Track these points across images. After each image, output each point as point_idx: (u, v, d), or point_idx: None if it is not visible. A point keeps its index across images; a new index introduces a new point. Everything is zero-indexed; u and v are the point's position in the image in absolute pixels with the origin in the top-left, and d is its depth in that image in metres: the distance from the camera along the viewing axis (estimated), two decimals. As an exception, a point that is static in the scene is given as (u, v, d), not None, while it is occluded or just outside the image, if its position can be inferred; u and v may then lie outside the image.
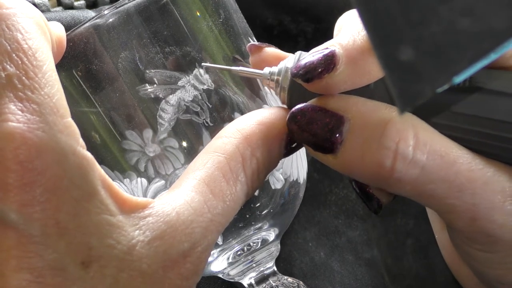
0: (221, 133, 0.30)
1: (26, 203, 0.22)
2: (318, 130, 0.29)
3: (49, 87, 0.24)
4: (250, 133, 0.29)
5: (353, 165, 0.29)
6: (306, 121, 0.29)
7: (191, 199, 0.26)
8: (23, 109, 0.23)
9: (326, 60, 0.28)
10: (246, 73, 0.33)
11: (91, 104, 0.33)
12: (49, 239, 0.22)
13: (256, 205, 0.35)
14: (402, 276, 0.46)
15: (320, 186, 0.48)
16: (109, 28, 0.32)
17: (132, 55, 0.32)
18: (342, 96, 0.29)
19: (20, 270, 0.22)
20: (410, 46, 0.20)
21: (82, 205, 0.23)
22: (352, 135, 0.28)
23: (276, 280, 0.36)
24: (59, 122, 0.23)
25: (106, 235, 0.24)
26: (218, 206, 0.27)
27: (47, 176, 0.23)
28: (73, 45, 0.32)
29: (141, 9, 0.32)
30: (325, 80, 0.28)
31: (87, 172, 0.24)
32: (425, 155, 0.27)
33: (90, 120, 0.33)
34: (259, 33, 0.38)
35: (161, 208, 0.25)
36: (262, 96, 0.35)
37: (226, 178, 0.28)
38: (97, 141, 0.33)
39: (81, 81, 0.32)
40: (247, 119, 0.30)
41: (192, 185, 0.27)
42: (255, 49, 0.34)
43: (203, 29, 0.34)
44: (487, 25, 0.20)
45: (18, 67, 0.23)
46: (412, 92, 0.21)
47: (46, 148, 0.23)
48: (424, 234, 0.47)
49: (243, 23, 0.36)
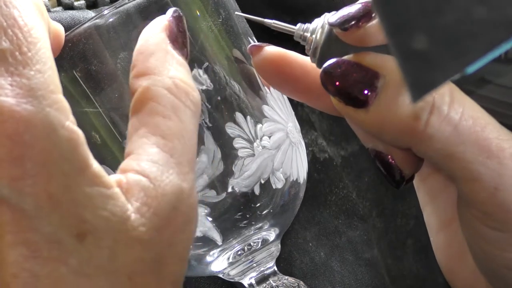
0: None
1: (17, 177, 0.22)
2: (352, 82, 0.29)
3: (42, 64, 0.24)
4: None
5: (385, 120, 0.28)
6: (341, 72, 0.29)
7: (151, 156, 0.26)
8: (13, 84, 0.23)
9: (365, 10, 0.29)
10: (279, 27, 0.33)
11: (91, 104, 0.33)
12: (42, 212, 0.22)
13: (256, 205, 0.35)
14: (402, 276, 0.46)
15: (320, 186, 0.48)
16: (109, 28, 0.32)
17: (132, 55, 0.32)
18: (377, 55, 0.29)
19: (16, 246, 0.22)
20: (424, 35, 0.21)
21: (73, 178, 0.23)
22: (387, 89, 0.28)
23: (276, 280, 0.36)
24: (48, 96, 0.23)
25: (100, 207, 0.23)
26: (176, 146, 0.26)
27: (36, 150, 0.22)
28: (72, 45, 0.32)
29: (141, 9, 0.32)
30: (362, 29, 0.29)
31: (77, 145, 0.23)
32: (459, 115, 0.28)
33: (91, 120, 0.33)
34: (258, 33, 0.38)
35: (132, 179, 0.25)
36: (262, 95, 0.35)
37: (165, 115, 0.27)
38: (98, 141, 0.33)
39: (81, 81, 0.32)
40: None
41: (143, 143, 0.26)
42: (256, 49, 0.34)
43: (203, 29, 0.34)
44: (502, 14, 0.20)
45: (12, 43, 0.23)
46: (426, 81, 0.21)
47: (35, 121, 0.22)
48: (424, 234, 0.47)
49: (243, 23, 0.36)
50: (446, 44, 0.21)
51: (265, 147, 0.34)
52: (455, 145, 0.28)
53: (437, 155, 0.28)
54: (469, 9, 0.20)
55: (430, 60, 0.21)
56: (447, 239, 0.36)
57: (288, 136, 0.36)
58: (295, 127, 0.37)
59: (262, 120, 0.34)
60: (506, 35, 0.20)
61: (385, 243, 0.47)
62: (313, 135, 0.50)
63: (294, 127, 0.37)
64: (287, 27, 0.32)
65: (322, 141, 0.50)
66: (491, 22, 0.20)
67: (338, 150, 0.50)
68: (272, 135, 0.35)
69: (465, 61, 0.21)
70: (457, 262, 0.36)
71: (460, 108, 0.28)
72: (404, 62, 0.21)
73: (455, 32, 0.20)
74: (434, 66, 0.21)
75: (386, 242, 0.47)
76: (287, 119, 0.36)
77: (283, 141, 0.35)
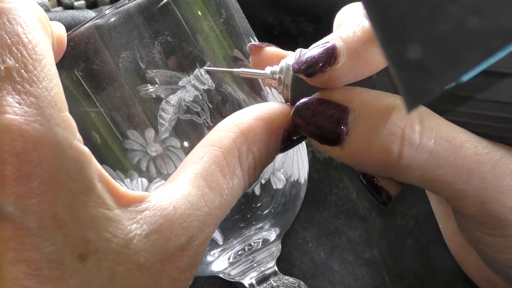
0: (218, 127, 0.30)
1: (23, 195, 0.22)
2: (324, 122, 0.29)
3: (48, 81, 0.24)
4: (248, 127, 0.29)
5: (360, 155, 0.29)
6: (311, 114, 0.29)
7: (188, 193, 0.26)
8: (21, 102, 0.23)
9: (327, 54, 0.29)
10: (247, 74, 0.33)
11: (93, 104, 0.33)
12: (46, 231, 0.22)
13: (257, 205, 0.35)
14: (402, 276, 0.46)
15: (320, 186, 0.48)
16: (110, 27, 0.32)
17: (133, 55, 0.32)
18: (345, 88, 0.29)
19: (17, 263, 0.22)
20: (418, 45, 0.20)
21: (79, 199, 0.23)
22: (358, 125, 0.29)
23: (277, 280, 0.36)
24: (56, 115, 0.23)
25: (103, 229, 0.24)
26: (215, 200, 0.27)
27: (43, 169, 0.23)
28: (74, 44, 0.32)
29: (142, 9, 0.32)
30: (327, 74, 0.29)
31: (84, 165, 0.24)
32: (432, 140, 0.28)
33: (92, 120, 0.33)
34: (259, 33, 0.38)
35: (158, 201, 0.25)
36: (263, 96, 0.35)
37: (223, 172, 0.28)
38: (99, 140, 0.33)
39: (82, 81, 0.32)
40: (245, 113, 0.30)
41: (189, 179, 0.27)
42: (255, 49, 0.34)
43: (204, 29, 0.34)
44: (497, 24, 0.20)
45: (17, 60, 0.23)
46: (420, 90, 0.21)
47: (43, 140, 0.23)
48: (424, 234, 0.47)
49: (244, 23, 0.36)
50: (440, 53, 0.21)
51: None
52: (434, 169, 0.28)
53: (418, 181, 0.29)
54: (463, 19, 0.20)
55: (424, 69, 0.21)
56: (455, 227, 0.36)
57: (289, 136, 0.35)
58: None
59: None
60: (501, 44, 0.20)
61: (385, 243, 0.47)
62: (313, 135, 0.50)
63: (295, 127, 0.36)
64: (255, 72, 0.32)
65: (322, 141, 0.50)
66: (485, 31, 0.20)
67: (338, 150, 0.50)
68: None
69: (460, 71, 0.21)
70: (466, 248, 0.36)
71: (432, 133, 0.28)
72: (399, 72, 0.21)
73: (449, 42, 0.20)
74: (429, 76, 0.21)
75: (386, 242, 0.47)
76: (288, 119, 0.36)
77: (284, 141, 0.35)
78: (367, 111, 0.28)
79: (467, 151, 0.28)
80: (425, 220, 0.47)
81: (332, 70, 0.28)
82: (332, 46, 0.29)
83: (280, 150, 0.31)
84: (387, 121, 0.28)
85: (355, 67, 0.28)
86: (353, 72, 0.29)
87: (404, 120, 0.28)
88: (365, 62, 0.28)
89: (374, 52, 0.28)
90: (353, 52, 0.28)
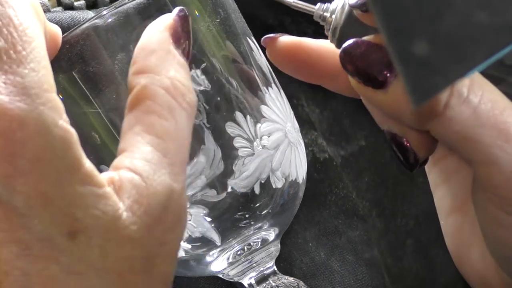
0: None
1: (9, 174, 0.22)
2: (372, 63, 0.29)
3: (36, 62, 0.24)
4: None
5: (405, 101, 0.28)
6: (361, 52, 0.29)
7: (144, 155, 0.26)
8: (7, 82, 0.23)
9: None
10: (298, 6, 0.32)
11: (91, 105, 0.33)
12: (34, 210, 0.22)
13: (256, 205, 0.35)
14: (402, 276, 0.46)
15: (320, 186, 0.48)
16: (107, 28, 0.32)
17: (130, 56, 0.32)
18: None
19: (7, 244, 0.22)
20: (424, 40, 0.20)
21: (66, 177, 0.23)
22: None
23: (276, 280, 0.36)
24: (42, 95, 0.23)
25: (92, 206, 0.23)
26: (170, 146, 0.26)
27: (29, 148, 0.22)
28: (71, 46, 0.32)
29: (140, 10, 0.32)
30: None
31: (70, 144, 0.24)
32: (478, 98, 0.28)
33: (90, 121, 0.33)
34: (259, 33, 0.38)
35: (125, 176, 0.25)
36: (260, 96, 0.35)
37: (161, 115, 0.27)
38: (97, 141, 0.33)
39: (80, 82, 0.32)
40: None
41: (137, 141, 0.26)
42: (270, 41, 0.34)
43: (201, 29, 0.34)
44: (503, 18, 0.20)
45: (7, 41, 0.23)
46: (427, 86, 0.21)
47: (28, 119, 0.22)
48: (424, 234, 0.47)
49: (241, 23, 0.36)
50: (447, 49, 0.21)
51: (264, 146, 0.34)
52: (474, 127, 0.28)
53: (455, 137, 0.29)
54: (469, 14, 0.20)
55: (431, 65, 0.21)
56: (457, 224, 0.36)
57: (287, 136, 0.36)
58: (293, 126, 0.37)
59: (261, 120, 0.34)
60: (508, 39, 0.20)
61: (385, 243, 0.47)
62: (313, 135, 0.50)
63: (292, 127, 0.37)
64: (307, 6, 0.32)
65: (322, 141, 0.50)
66: (492, 26, 0.20)
67: (338, 150, 0.50)
68: (271, 135, 0.35)
69: (467, 66, 0.21)
70: (466, 248, 0.36)
71: (479, 91, 0.28)
72: (405, 68, 0.21)
73: (456, 37, 0.20)
74: (435, 71, 0.21)
75: (386, 242, 0.47)
76: (286, 119, 0.36)
77: (281, 141, 0.35)
78: None
79: (508, 118, 0.28)
80: (425, 220, 0.47)
81: None
82: None
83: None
84: None
85: None
86: None
87: None
88: None
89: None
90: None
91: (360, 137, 0.50)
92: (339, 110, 0.50)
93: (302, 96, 0.50)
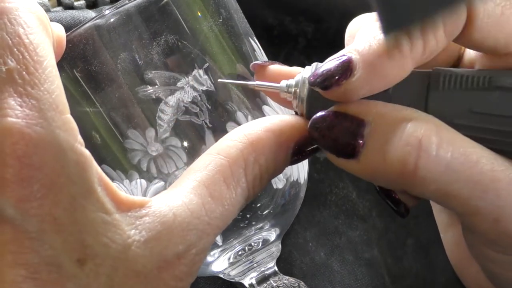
0: (227, 136, 0.30)
1: (23, 198, 0.22)
2: (339, 135, 0.29)
3: (49, 83, 0.24)
4: (256, 138, 0.29)
5: (376, 168, 0.28)
6: (327, 126, 0.29)
7: (189, 201, 0.26)
8: (22, 105, 0.23)
9: (343, 67, 0.28)
10: (263, 88, 0.33)
11: (92, 104, 0.33)
12: (45, 235, 0.23)
13: (257, 205, 0.35)
14: (402, 276, 0.46)
15: (320, 186, 0.48)
16: (109, 28, 0.32)
17: (132, 55, 0.32)
18: (361, 101, 0.29)
19: (16, 266, 0.22)
20: None
21: (79, 202, 0.23)
22: (374, 137, 0.28)
23: (277, 280, 0.36)
24: (57, 118, 0.23)
25: (101, 234, 0.24)
26: (216, 209, 0.27)
27: (44, 172, 0.23)
28: (73, 45, 0.32)
29: (141, 9, 0.32)
30: (343, 87, 0.28)
31: (85, 169, 0.24)
32: (449, 153, 0.27)
33: (91, 120, 0.33)
34: (259, 33, 0.38)
35: (158, 208, 0.25)
36: (262, 96, 0.35)
37: (227, 182, 0.28)
38: (99, 140, 0.33)
39: (81, 81, 0.32)
40: (255, 124, 0.30)
41: (191, 187, 0.27)
42: (259, 68, 0.34)
43: (203, 29, 0.34)
44: None
45: (19, 62, 0.23)
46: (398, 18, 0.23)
47: (44, 143, 0.23)
48: (424, 234, 0.47)
49: (243, 23, 0.36)
50: None
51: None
52: (450, 184, 0.27)
53: (433, 195, 0.28)
54: None
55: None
56: (456, 238, 0.36)
57: (289, 136, 0.35)
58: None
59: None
60: None
61: (385, 243, 0.47)
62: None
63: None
64: (271, 86, 0.32)
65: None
66: None
67: (338, 150, 0.50)
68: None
69: None
70: (466, 261, 0.36)
71: (449, 146, 0.27)
72: None
73: None
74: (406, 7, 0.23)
75: (386, 242, 0.47)
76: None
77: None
78: (383, 122, 0.28)
79: (483, 167, 0.27)
80: (425, 220, 0.47)
81: (348, 83, 0.28)
82: (347, 59, 0.28)
83: (291, 162, 0.31)
84: (404, 132, 0.28)
85: (371, 80, 0.28)
86: (368, 85, 0.28)
87: (421, 131, 0.27)
88: (381, 75, 0.28)
89: (390, 65, 0.28)
90: (369, 65, 0.28)
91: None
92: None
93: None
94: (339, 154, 0.29)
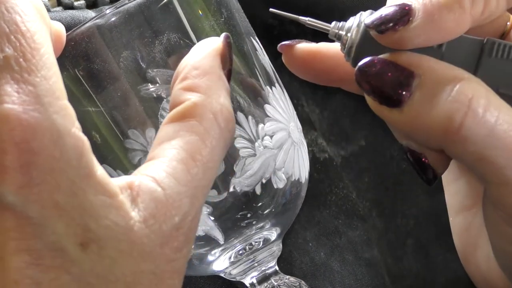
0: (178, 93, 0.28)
1: (23, 184, 0.22)
2: (387, 82, 0.29)
3: (46, 70, 0.24)
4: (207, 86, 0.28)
5: (420, 121, 0.28)
6: (375, 72, 0.29)
7: (174, 170, 0.26)
8: (19, 91, 0.23)
9: (402, 13, 0.28)
10: (313, 24, 0.33)
11: (93, 103, 0.33)
12: (47, 220, 0.22)
13: (258, 204, 0.35)
14: (402, 276, 0.46)
15: (320, 186, 0.48)
16: (111, 27, 0.32)
17: (134, 54, 0.32)
18: (413, 53, 0.29)
19: (19, 252, 0.22)
20: None
21: (79, 186, 0.23)
22: (423, 89, 0.28)
23: (278, 280, 0.36)
24: (54, 103, 0.23)
25: (104, 216, 0.23)
26: (200, 171, 0.26)
27: (43, 157, 0.22)
28: (75, 44, 0.32)
29: (142, 8, 0.32)
30: (399, 33, 0.28)
31: (83, 152, 0.23)
32: (495, 118, 0.27)
33: (92, 119, 0.33)
34: (259, 33, 0.38)
35: (146, 185, 0.25)
36: (264, 96, 0.35)
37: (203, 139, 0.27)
38: (99, 140, 0.33)
39: (83, 80, 0.32)
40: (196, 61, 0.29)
41: (171, 155, 0.26)
42: (287, 48, 0.34)
43: (205, 28, 0.34)
44: None
45: (16, 49, 0.23)
46: None
47: (42, 129, 0.22)
48: (425, 234, 0.47)
49: (245, 22, 0.36)
50: None
51: (266, 146, 0.34)
52: (489, 148, 0.27)
53: (470, 157, 0.28)
54: None
55: None
56: (465, 223, 0.36)
57: (290, 135, 0.36)
58: (296, 126, 0.37)
59: (264, 119, 0.34)
60: None
61: (385, 243, 0.47)
62: (313, 135, 0.50)
63: (295, 127, 0.37)
64: (322, 25, 0.32)
65: (322, 141, 0.50)
66: None
67: (338, 150, 0.50)
68: (274, 135, 0.35)
69: None
70: (472, 248, 0.36)
71: (496, 112, 0.28)
72: None
73: None
74: None
75: (386, 242, 0.47)
76: (289, 118, 0.36)
77: (285, 140, 0.35)
78: (434, 77, 0.28)
79: None
80: (425, 220, 0.47)
81: (405, 29, 0.28)
82: (408, 6, 0.28)
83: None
84: (454, 89, 0.28)
85: (428, 31, 0.28)
86: (424, 35, 0.28)
87: (472, 91, 0.28)
88: (438, 27, 0.28)
89: (449, 18, 0.28)
90: (428, 15, 0.28)
91: (360, 137, 0.50)
92: (339, 110, 0.50)
93: (302, 96, 0.50)
94: (383, 102, 0.29)
